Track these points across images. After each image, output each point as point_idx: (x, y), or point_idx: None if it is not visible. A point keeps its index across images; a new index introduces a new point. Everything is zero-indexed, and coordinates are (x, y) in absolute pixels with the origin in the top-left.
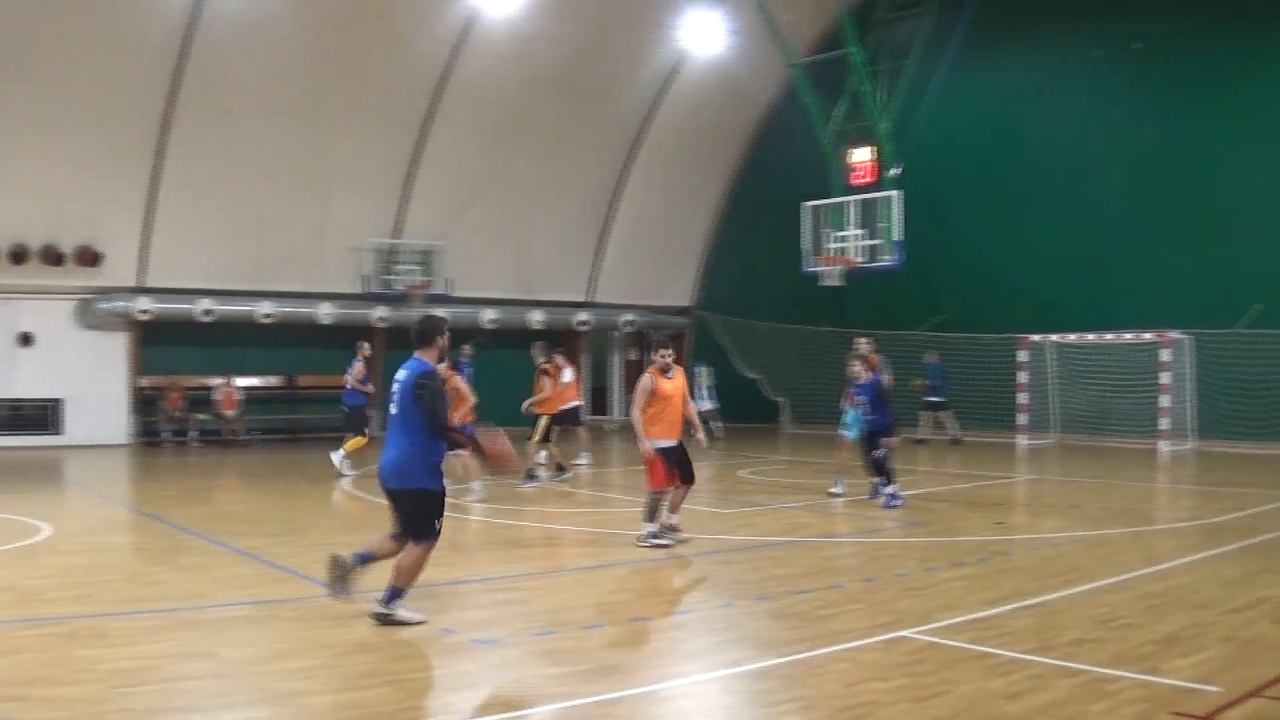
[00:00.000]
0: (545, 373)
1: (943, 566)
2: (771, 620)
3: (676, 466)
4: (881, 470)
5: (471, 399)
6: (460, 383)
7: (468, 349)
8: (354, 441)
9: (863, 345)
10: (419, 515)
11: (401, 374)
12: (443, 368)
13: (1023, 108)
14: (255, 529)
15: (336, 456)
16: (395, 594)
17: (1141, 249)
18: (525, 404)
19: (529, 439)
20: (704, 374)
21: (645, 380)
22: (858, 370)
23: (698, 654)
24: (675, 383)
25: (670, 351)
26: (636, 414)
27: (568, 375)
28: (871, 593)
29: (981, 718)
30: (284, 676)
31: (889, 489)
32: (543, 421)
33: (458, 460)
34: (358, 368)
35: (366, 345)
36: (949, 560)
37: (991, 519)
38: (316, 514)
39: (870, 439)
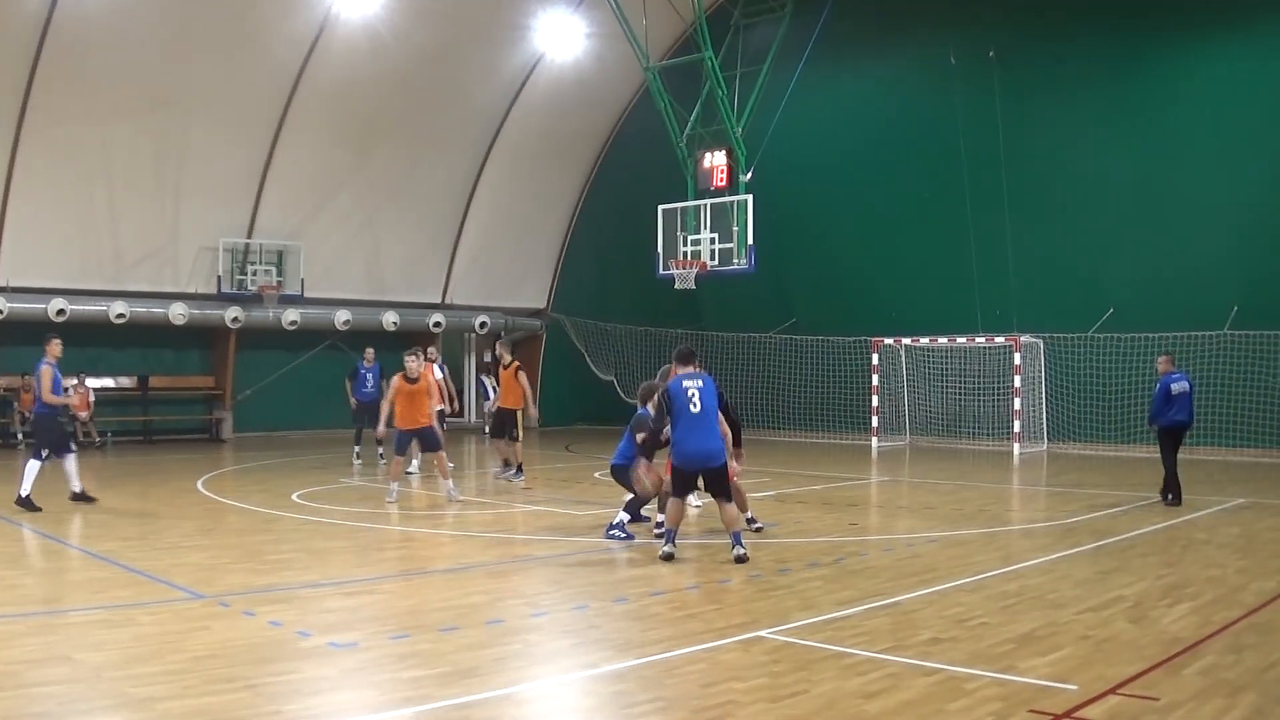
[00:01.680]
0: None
1: (798, 567)
2: (628, 622)
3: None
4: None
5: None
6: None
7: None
8: None
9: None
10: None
11: (699, 383)
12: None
13: (876, 113)
14: (110, 532)
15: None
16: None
17: (995, 253)
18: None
19: (512, 438)
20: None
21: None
22: None
23: (554, 656)
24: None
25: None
26: None
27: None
28: (727, 593)
29: (840, 717)
30: (142, 681)
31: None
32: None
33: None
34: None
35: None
36: (804, 561)
37: (846, 520)
38: (171, 517)
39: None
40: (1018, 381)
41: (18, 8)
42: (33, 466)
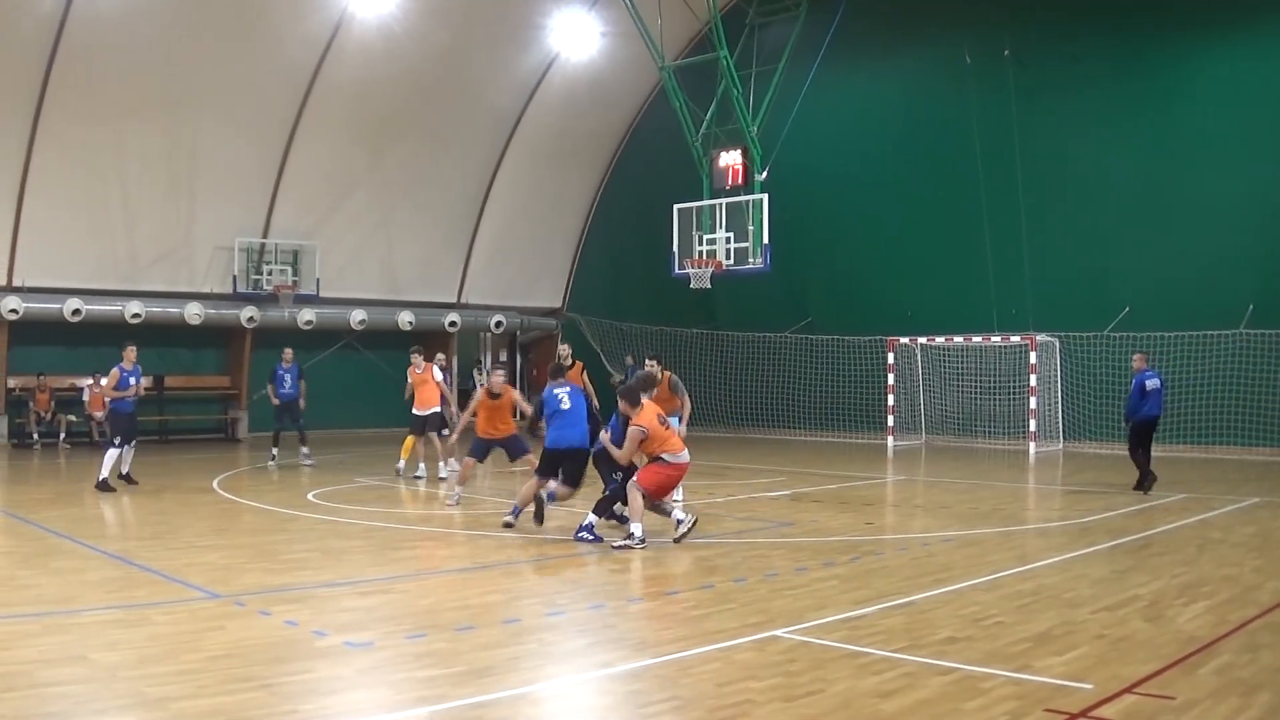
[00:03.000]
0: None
1: (814, 566)
2: (644, 621)
3: None
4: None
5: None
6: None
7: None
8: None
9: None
10: None
11: (568, 389)
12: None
13: (892, 112)
14: (125, 532)
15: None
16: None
17: (1010, 252)
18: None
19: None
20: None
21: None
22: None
23: (570, 655)
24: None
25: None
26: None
27: (438, 375)
28: (743, 593)
29: (855, 716)
30: (157, 681)
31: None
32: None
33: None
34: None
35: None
36: (820, 560)
37: (862, 519)
38: (185, 516)
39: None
40: (1033, 380)
41: (32, 9)
42: (111, 454)
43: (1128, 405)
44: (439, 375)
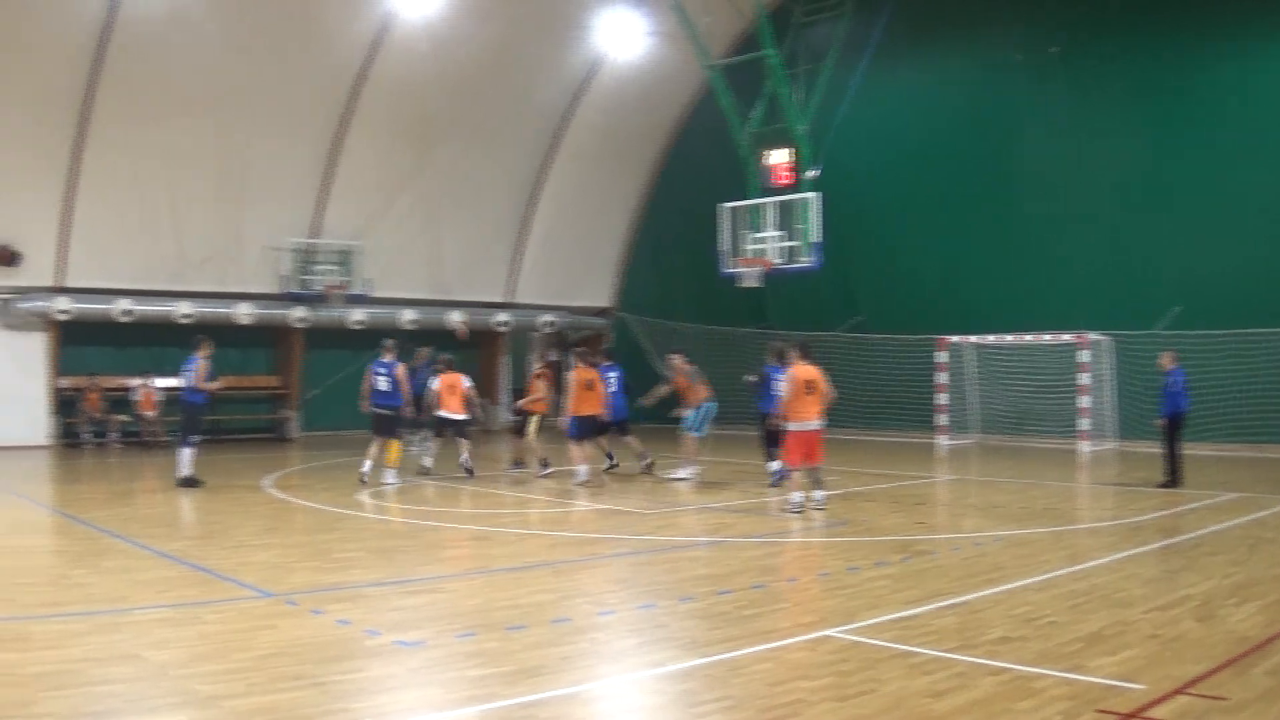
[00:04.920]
0: (539, 376)
1: (865, 566)
2: (694, 620)
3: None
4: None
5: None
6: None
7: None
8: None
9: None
10: None
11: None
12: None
13: (939, 110)
14: (177, 531)
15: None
16: None
17: (1060, 250)
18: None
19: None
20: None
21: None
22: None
23: (621, 655)
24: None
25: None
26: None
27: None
28: (795, 592)
29: (907, 716)
30: (208, 679)
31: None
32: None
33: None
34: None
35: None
36: (872, 560)
37: (914, 518)
38: (237, 515)
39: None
40: (1085, 379)
41: (80, 10)
42: (188, 450)
43: (1178, 402)
44: (467, 383)
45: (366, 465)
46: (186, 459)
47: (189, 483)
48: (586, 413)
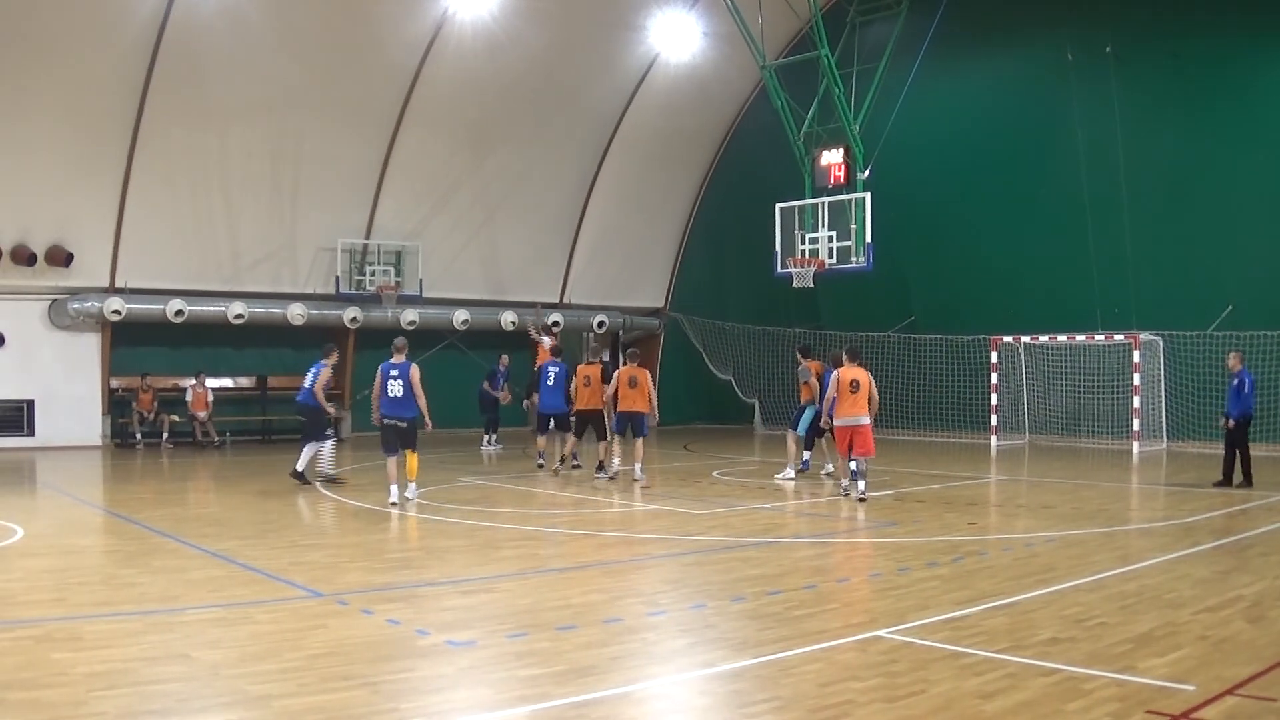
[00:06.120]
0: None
1: (916, 567)
2: (745, 621)
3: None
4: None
5: None
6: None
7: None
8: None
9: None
10: None
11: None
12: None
13: (993, 110)
14: (228, 531)
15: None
16: None
17: (1113, 251)
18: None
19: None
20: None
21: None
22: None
23: (671, 655)
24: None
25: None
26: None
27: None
28: (845, 593)
29: (957, 717)
30: (259, 679)
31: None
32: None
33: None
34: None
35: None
36: (922, 560)
37: (965, 519)
38: (289, 516)
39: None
40: (1137, 380)
41: (134, 11)
42: (329, 446)
43: (1247, 403)
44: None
45: (393, 491)
46: (327, 457)
47: (329, 480)
48: (628, 409)
